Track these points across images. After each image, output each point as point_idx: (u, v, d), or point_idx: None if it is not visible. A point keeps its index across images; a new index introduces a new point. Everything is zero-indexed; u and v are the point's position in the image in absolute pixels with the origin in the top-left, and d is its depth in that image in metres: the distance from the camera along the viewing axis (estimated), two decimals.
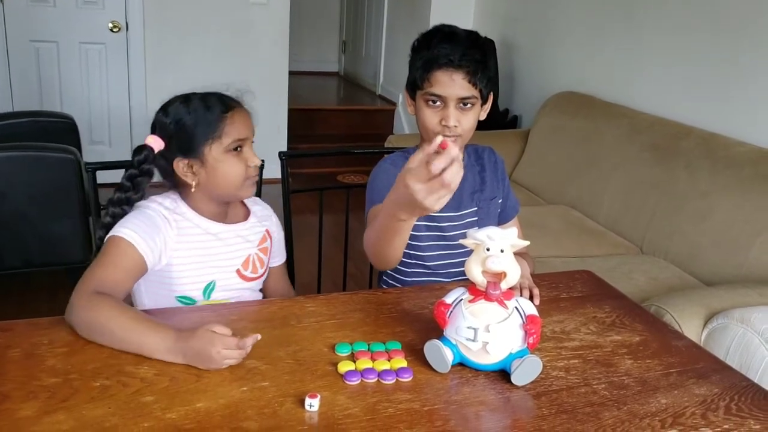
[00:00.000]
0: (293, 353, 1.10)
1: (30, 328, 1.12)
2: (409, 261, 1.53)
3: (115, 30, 4.13)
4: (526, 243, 1.06)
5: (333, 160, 4.78)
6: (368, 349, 1.12)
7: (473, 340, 1.05)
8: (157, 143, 1.31)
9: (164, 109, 1.34)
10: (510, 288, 1.07)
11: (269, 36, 4.43)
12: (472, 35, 1.42)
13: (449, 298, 1.10)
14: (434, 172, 0.96)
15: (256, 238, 1.43)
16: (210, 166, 1.30)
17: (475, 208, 1.53)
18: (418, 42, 1.45)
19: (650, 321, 1.34)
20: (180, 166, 1.31)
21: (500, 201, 1.58)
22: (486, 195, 1.54)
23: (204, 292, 1.35)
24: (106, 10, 4.09)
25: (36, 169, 2.45)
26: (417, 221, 1.41)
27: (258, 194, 1.49)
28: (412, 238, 1.42)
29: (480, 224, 1.51)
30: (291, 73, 4.64)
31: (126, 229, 1.23)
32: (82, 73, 4.17)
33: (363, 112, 5.59)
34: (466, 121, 1.41)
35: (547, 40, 3.88)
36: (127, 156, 1.39)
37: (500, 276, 1.04)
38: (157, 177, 1.37)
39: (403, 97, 1.41)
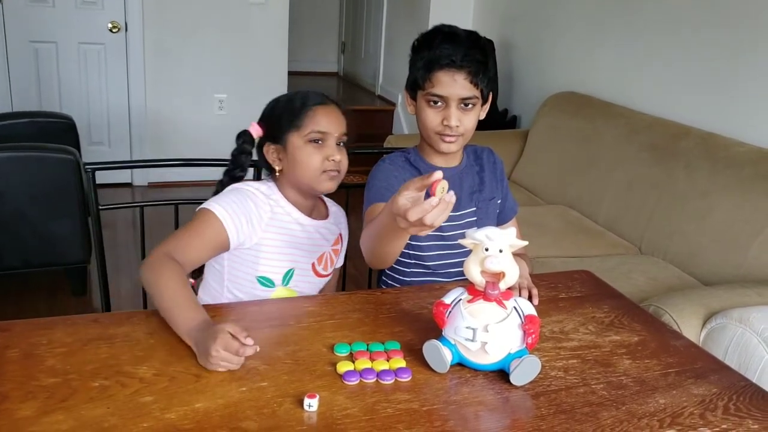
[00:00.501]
0: (292, 353, 1.10)
1: (29, 328, 1.12)
2: (409, 261, 1.53)
3: (114, 30, 4.13)
4: (525, 243, 1.06)
5: None
6: (367, 349, 1.12)
7: (472, 340, 1.05)
8: (255, 130, 1.44)
9: (271, 101, 1.47)
10: (509, 288, 1.07)
11: (268, 36, 4.44)
12: (472, 35, 1.43)
13: (448, 298, 1.10)
14: (410, 220, 1.00)
15: (332, 238, 1.50)
16: (291, 153, 1.38)
17: (474, 208, 1.53)
18: (418, 42, 1.45)
19: (649, 321, 1.34)
20: (269, 151, 1.41)
21: (499, 201, 1.58)
22: (485, 195, 1.55)
23: (284, 278, 1.40)
24: (105, 11, 4.09)
25: (35, 169, 2.46)
26: None
27: None
28: (412, 238, 1.42)
29: (479, 224, 1.52)
30: (290, 74, 4.64)
31: (217, 205, 1.30)
32: (81, 73, 4.17)
33: (362, 112, 5.58)
34: (467, 121, 1.42)
35: (546, 40, 3.88)
36: (126, 156, 1.42)
37: (499, 276, 1.04)
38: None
39: (402, 98, 1.42)
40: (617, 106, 3.19)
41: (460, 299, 1.08)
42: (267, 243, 1.37)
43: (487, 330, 1.04)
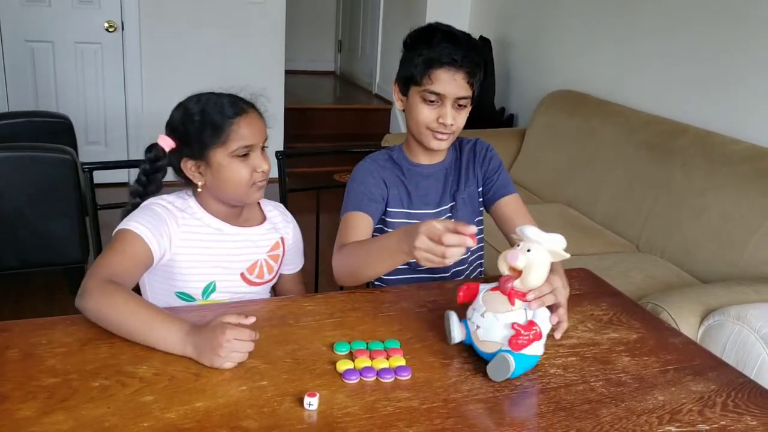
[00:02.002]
0: (292, 352, 1.10)
1: (28, 328, 1.12)
2: None
3: (110, 30, 4.12)
4: (567, 256, 1.07)
5: (329, 160, 4.78)
6: (367, 348, 1.12)
7: (471, 321, 1.08)
8: (166, 143, 1.34)
9: (177, 108, 1.36)
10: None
11: (265, 35, 4.43)
12: (467, 36, 1.44)
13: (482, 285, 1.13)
14: (445, 243, 1.04)
15: (267, 245, 1.43)
16: (215, 169, 1.31)
17: (453, 203, 1.54)
18: (413, 39, 1.45)
19: (647, 318, 1.35)
20: (188, 166, 1.33)
21: (480, 190, 1.57)
22: (460, 189, 1.55)
23: (203, 292, 1.36)
24: (101, 10, 4.08)
25: (32, 169, 2.45)
26: (394, 217, 1.48)
27: None
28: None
29: (456, 216, 1.52)
30: (287, 73, 4.64)
31: (133, 222, 1.25)
32: (78, 73, 4.16)
33: (359, 111, 5.58)
34: (460, 119, 1.44)
35: (542, 38, 3.88)
36: (123, 156, 1.41)
37: (517, 273, 1.05)
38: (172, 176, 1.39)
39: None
40: (614, 105, 3.19)
41: (489, 287, 1.11)
42: (180, 258, 1.32)
43: (483, 315, 1.06)
